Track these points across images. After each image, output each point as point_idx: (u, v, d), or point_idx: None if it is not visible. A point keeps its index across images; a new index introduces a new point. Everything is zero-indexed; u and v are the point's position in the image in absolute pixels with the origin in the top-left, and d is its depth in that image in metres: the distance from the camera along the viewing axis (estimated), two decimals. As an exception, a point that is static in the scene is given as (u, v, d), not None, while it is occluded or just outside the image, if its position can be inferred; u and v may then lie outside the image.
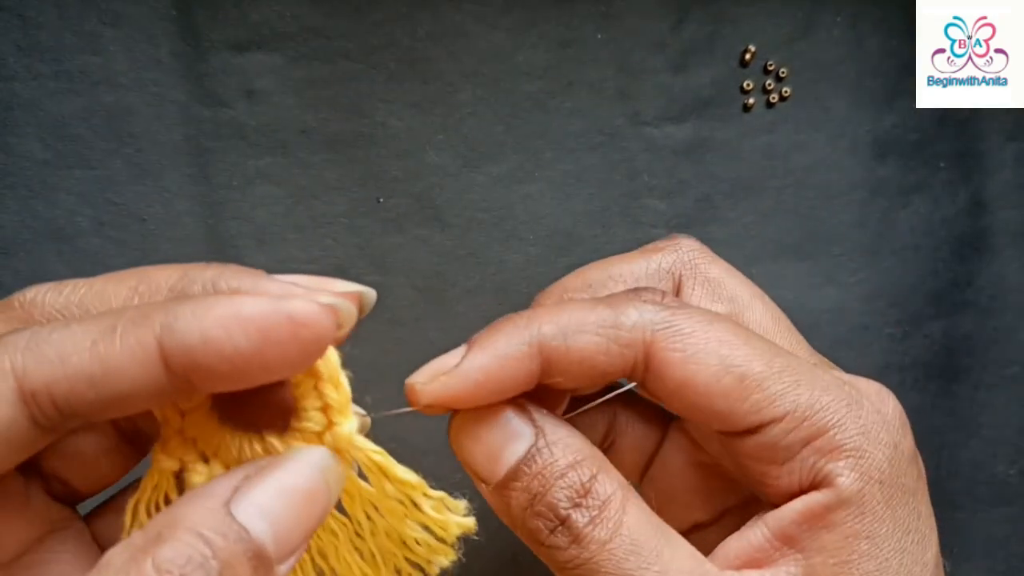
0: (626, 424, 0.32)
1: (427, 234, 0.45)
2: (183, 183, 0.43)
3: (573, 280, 0.32)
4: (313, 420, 0.24)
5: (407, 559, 0.26)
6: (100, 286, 0.25)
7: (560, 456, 0.26)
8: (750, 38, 0.47)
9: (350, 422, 0.24)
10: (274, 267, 0.44)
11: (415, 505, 0.25)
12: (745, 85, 0.47)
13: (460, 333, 0.46)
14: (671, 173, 0.46)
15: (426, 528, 0.26)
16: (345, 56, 0.44)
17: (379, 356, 0.44)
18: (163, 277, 0.25)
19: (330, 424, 0.24)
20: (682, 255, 0.32)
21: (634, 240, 0.47)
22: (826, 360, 0.31)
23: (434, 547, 0.26)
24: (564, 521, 0.26)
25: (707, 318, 0.27)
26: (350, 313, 0.24)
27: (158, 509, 0.25)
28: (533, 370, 0.26)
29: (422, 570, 0.27)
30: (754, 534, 0.27)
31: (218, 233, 0.43)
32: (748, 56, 0.47)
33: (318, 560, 0.27)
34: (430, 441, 0.42)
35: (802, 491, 0.26)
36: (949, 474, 0.49)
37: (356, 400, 0.26)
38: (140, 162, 0.43)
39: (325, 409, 0.24)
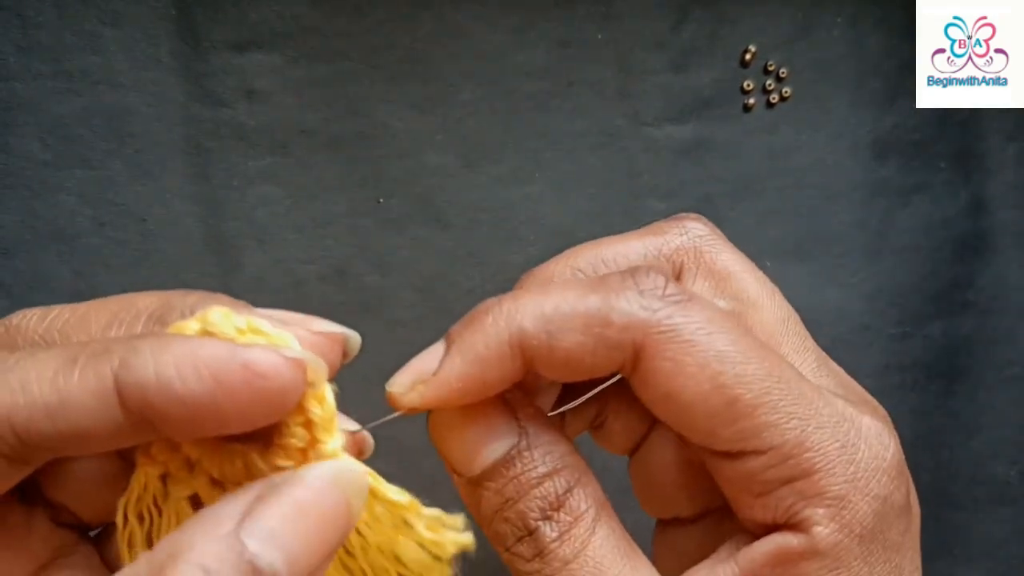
0: (618, 406, 0.29)
1: (427, 234, 0.45)
2: (183, 183, 0.43)
3: (561, 263, 0.29)
4: (296, 436, 0.23)
5: (400, 574, 0.25)
6: (83, 311, 0.24)
7: (540, 463, 0.25)
8: (750, 38, 0.47)
9: (334, 440, 0.23)
10: (274, 267, 0.44)
11: (408, 525, 0.24)
12: (745, 85, 0.47)
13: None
14: (671, 173, 0.46)
15: (420, 546, 0.24)
16: (345, 56, 0.44)
17: (379, 357, 0.43)
18: (144, 303, 0.24)
19: (314, 441, 0.23)
20: (687, 240, 0.29)
21: (634, 240, 0.46)
22: (834, 369, 0.28)
23: (429, 565, 0.25)
24: (532, 532, 0.24)
25: (709, 322, 0.24)
26: (319, 367, 0.23)
27: (148, 512, 0.24)
28: (515, 368, 0.24)
29: None
30: (723, 569, 0.25)
31: (218, 233, 0.43)
32: (748, 56, 0.47)
33: None
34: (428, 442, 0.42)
35: (776, 527, 0.25)
36: (949, 474, 0.49)
37: (352, 410, 0.25)
38: (140, 162, 0.43)
39: (308, 425, 0.23)
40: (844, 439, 0.24)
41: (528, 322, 0.24)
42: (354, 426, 0.26)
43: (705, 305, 0.25)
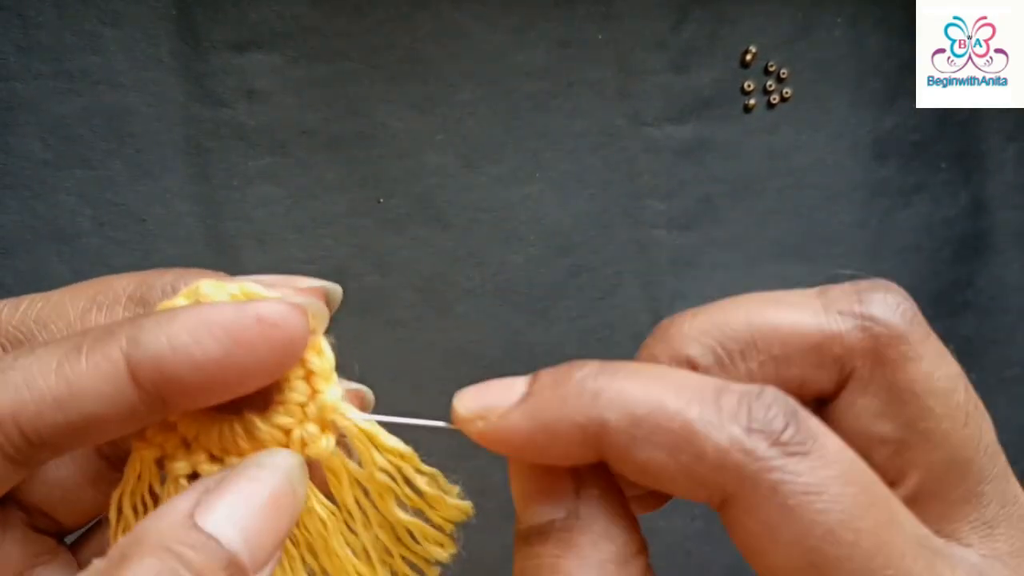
0: None
1: (427, 234, 0.45)
2: (183, 183, 0.43)
3: (705, 324, 0.23)
4: (297, 390, 0.23)
5: (404, 558, 0.25)
6: (57, 299, 0.24)
7: (584, 552, 0.21)
8: (750, 38, 0.47)
9: (333, 388, 0.23)
10: (274, 267, 0.44)
11: (407, 481, 0.24)
12: (746, 86, 0.47)
13: (460, 333, 0.46)
14: (671, 173, 0.46)
15: (421, 515, 0.24)
16: (345, 56, 0.44)
17: (379, 356, 0.43)
18: (121, 285, 0.24)
19: (314, 393, 0.23)
20: (867, 338, 0.22)
21: (634, 241, 0.47)
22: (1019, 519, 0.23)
23: (430, 535, 0.24)
24: None
25: (825, 485, 0.19)
26: (320, 312, 0.23)
27: (144, 503, 0.24)
28: (583, 455, 0.21)
29: (420, 572, 0.25)
30: None
31: (218, 233, 0.43)
32: (749, 57, 0.47)
33: (308, 559, 0.25)
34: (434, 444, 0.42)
35: None
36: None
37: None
38: (140, 162, 0.43)
39: (308, 377, 0.23)
40: None
41: (614, 416, 0.20)
42: (357, 385, 0.26)
43: (830, 458, 0.20)
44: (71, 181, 0.42)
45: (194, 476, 0.24)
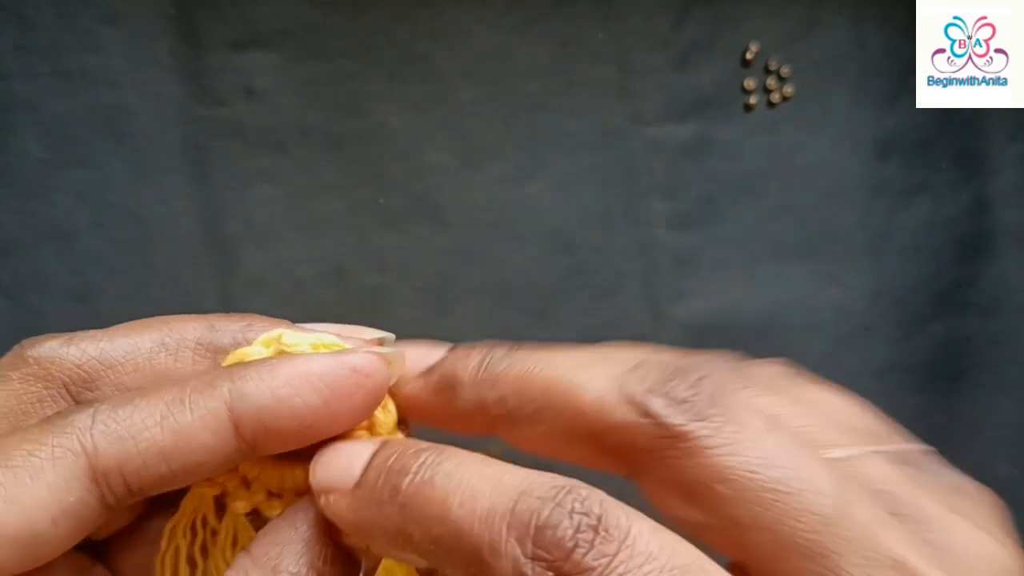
0: None
1: (427, 234, 0.45)
2: (182, 183, 0.43)
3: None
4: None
5: None
6: (121, 338, 0.24)
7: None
8: (752, 37, 0.47)
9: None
10: (273, 267, 0.44)
11: None
12: (746, 85, 0.47)
13: (460, 334, 0.46)
14: (672, 173, 0.46)
15: None
16: (344, 55, 0.44)
17: (379, 357, 0.43)
18: (188, 328, 0.24)
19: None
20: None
21: (635, 240, 0.46)
22: None
23: None
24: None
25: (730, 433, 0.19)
26: (400, 361, 0.24)
27: (194, 532, 0.25)
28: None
29: None
30: None
31: (217, 233, 0.43)
32: (750, 55, 0.47)
33: None
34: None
35: None
36: (951, 475, 0.49)
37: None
38: (138, 161, 0.43)
39: (371, 427, 0.24)
40: None
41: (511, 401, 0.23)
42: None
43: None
44: (69, 181, 0.42)
45: (254, 513, 0.24)
